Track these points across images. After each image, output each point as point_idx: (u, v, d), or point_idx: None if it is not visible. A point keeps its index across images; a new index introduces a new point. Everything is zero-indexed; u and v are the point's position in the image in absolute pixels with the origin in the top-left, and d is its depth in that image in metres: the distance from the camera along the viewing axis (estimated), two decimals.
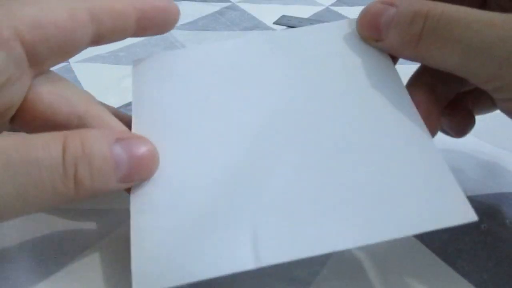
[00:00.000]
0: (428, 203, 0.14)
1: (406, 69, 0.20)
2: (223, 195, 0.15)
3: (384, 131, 0.16)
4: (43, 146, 0.14)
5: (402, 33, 0.17)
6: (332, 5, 0.48)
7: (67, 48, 0.16)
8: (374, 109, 0.16)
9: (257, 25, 0.42)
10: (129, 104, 0.28)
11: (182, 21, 0.42)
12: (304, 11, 0.46)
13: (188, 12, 0.44)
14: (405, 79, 0.19)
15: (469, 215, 0.14)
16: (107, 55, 0.34)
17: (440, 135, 0.22)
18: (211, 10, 0.45)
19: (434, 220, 0.14)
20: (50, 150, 0.14)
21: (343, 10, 0.47)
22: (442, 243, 0.19)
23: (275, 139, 0.16)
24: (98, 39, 0.17)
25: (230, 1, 0.47)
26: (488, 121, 0.28)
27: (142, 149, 0.15)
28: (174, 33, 0.39)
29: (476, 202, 0.22)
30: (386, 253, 0.19)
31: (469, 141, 0.26)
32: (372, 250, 0.19)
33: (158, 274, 0.14)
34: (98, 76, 0.32)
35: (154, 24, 0.18)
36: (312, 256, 0.13)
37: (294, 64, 0.18)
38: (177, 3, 0.49)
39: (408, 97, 0.17)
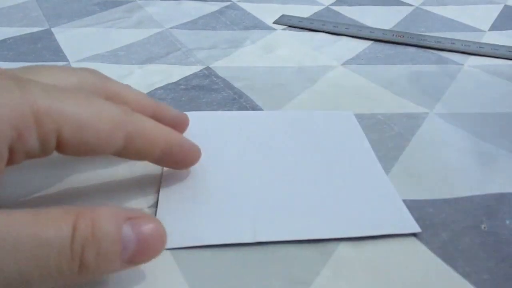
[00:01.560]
0: (376, 215, 0.20)
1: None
2: (236, 193, 0.21)
3: (350, 172, 0.23)
4: (54, 226, 0.13)
5: None
6: (332, 4, 0.48)
7: (90, 153, 0.17)
8: (344, 164, 0.24)
9: (257, 24, 0.42)
10: None
11: (182, 20, 0.42)
12: (304, 11, 0.46)
13: (188, 11, 0.44)
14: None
15: (412, 227, 0.20)
16: (107, 54, 0.34)
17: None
18: (211, 9, 0.45)
19: (379, 227, 0.19)
20: (62, 230, 0.13)
21: (343, 9, 0.47)
22: (442, 243, 0.19)
23: (278, 175, 0.23)
24: (119, 154, 0.18)
25: (230, 1, 0.47)
26: (488, 121, 0.28)
27: (150, 230, 0.15)
28: (174, 32, 0.39)
29: (476, 202, 0.22)
30: (386, 253, 0.19)
31: (469, 141, 0.26)
32: (372, 250, 0.19)
33: (175, 235, 0.18)
34: None
35: (173, 159, 0.20)
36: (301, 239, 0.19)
37: (297, 136, 0.25)
38: (177, 2, 0.49)
39: (373, 155, 0.24)
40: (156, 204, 0.20)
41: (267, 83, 0.31)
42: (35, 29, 0.38)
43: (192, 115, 0.25)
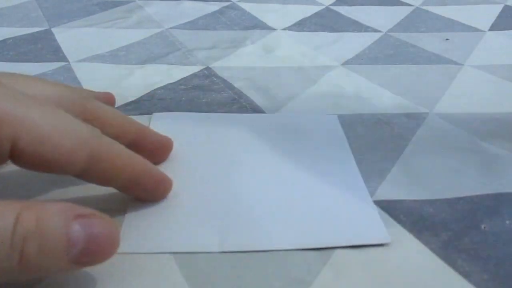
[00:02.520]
0: (347, 224, 0.20)
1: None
2: (206, 201, 0.20)
3: (326, 179, 0.22)
4: None
5: None
6: (332, 4, 0.48)
7: (47, 169, 0.16)
8: (321, 171, 0.23)
9: (257, 24, 0.42)
10: (129, 103, 0.28)
11: (182, 20, 0.42)
12: (304, 11, 0.46)
13: (188, 11, 0.44)
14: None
15: (383, 238, 0.19)
16: (107, 54, 0.34)
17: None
18: (211, 9, 0.45)
19: (348, 238, 0.19)
20: (3, 219, 0.13)
21: (343, 9, 0.47)
22: (442, 243, 0.19)
23: (251, 182, 0.22)
24: (81, 176, 0.17)
25: (230, 1, 0.47)
26: (488, 121, 0.28)
27: (101, 229, 0.14)
28: (174, 32, 0.39)
29: (476, 202, 0.22)
30: (386, 253, 0.19)
31: (469, 141, 0.26)
32: (372, 250, 0.19)
33: (140, 240, 0.18)
34: (98, 76, 0.31)
35: (140, 189, 0.19)
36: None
37: (276, 142, 0.25)
38: (177, 2, 0.49)
39: (352, 160, 0.24)
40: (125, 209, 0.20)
41: (267, 83, 0.31)
42: (35, 29, 0.38)
43: (167, 116, 0.25)
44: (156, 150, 0.22)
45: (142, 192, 0.19)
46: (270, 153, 0.24)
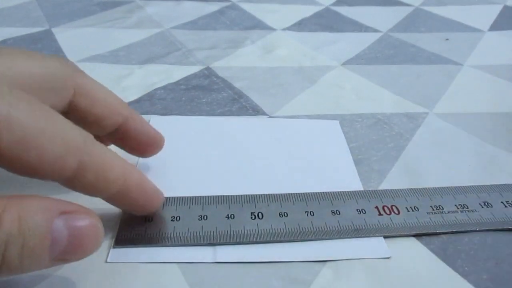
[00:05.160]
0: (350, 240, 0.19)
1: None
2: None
3: (326, 185, 0.22)
4: None
5: None
6: (332, 4, 0.48)
7: (30, 175, 0.14)
8: (321, 177, 0.23)
9: (257, 24, 0.42)
10: (129, 103, 0.28)
11: (182, 20, 0.42)
12: (304, 11, 0.46)
13: (188, 11, 0.44)
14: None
15: (384, 253, 0.19)
16: (107, 54, 0.34)
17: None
18: (211, 9, 0.45)
19: (352, 253, 0.18)
20: None
21: (343, 9, 0.47)
22: (442, 243, 0.19)
23: (248, 189, 0.21)
24: (68, 185, 0.15)
25: (230, 1, 0.47)
26: (488, 121, 0.28)
27: (85, 225, 0.14)
28: (174, 32, 0.39)
29: None
30: None
31: (469, 141, 0.26)
32: None
33: (134, 250, 0.18)
34: (98, 76, 0.31)
35: (129, 202, 0.17)
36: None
37: (277, 147, 0.25)
38: (177, 2, 0.49)
39: (353, 167, 0.24)
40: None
41: (267, 83, 0.31)
42: (35, 29, 0.38)
43: (165, 120, 0.25)
44: (144, 142, 0.21)
45: (131, 206, 0.18)
46: (269, 158, 0.24)
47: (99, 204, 0.17)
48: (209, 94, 0.30)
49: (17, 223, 0.13)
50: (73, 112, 0.18)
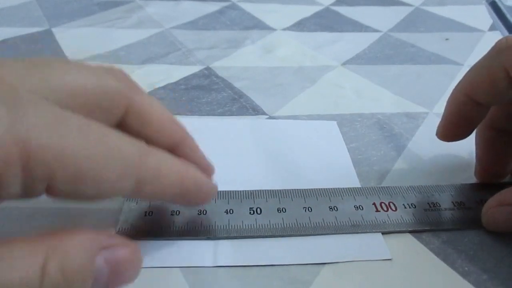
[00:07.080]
0: (350, 242, 0.19)
1: None
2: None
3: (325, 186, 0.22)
4: (19, 270, 0.12)
5: None
6: (332, 4, 0.48)
7: (88, 201, 0.14)
8: (320, 179, 0.23)
9: (257, 24, 0.42)
10: None
11: (182, 20, 0.42)
12: (304, 11, 0.46)
13: (188, 11, 0.44)
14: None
15: (385, 254, 0.19)
16: (107, 54, 0.34)
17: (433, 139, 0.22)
18: (211, 9, 0.45)
19: (352, 255, 0.18)
20: (28, 275, 0.12)
21: (343, 9, 0.47)
22: (442, 243, 0.19)
23: (254, 188, 0.21)
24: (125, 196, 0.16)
25: (230, 1, 0.47)
26: None
27: (125, 258, 0.14)
28: (174, 32, 0.39)
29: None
30: None
31: (469, 142, 0.26)
32: None
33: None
34: None
35: (187, 200, 0.17)
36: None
37: (276, 148, 0.25)
38: (177, 2, 0.49)
39: (351, 167, 0.24)
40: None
41: (267, 83, 0.31)
42: (35, 29, 0.38)
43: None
44: None
45: (189, 203, 0.18)
46: (268, 158, 0.24)
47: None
48: (209, 94, 0.30)
49: (61, 273, 0.12)
50: (122, 129, 0.17)
